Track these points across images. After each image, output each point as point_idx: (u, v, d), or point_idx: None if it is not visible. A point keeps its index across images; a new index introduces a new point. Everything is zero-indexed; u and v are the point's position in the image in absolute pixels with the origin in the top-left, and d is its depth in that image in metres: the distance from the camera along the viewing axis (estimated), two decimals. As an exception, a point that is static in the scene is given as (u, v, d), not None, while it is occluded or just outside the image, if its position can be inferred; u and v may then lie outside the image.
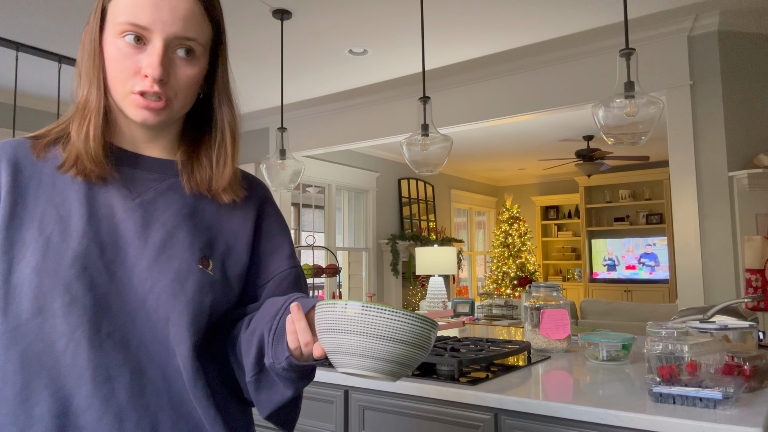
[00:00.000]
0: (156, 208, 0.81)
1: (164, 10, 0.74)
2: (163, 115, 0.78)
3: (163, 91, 0.76)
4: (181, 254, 0.79)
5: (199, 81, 0.81)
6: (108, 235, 0.77)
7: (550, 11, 3.47)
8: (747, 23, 3.56)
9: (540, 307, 1.97)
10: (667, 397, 1.27)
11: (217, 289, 0.81)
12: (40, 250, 0.74)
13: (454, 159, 7.99)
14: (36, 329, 0.72)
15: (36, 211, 0.76)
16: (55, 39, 3.77)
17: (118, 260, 0.76)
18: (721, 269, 3.42)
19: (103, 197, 0.79)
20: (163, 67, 0.75)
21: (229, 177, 0.85)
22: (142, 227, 0.79)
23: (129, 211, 0.79)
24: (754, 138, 3.51)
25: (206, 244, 0.82)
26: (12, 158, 0.79)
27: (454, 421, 1.48)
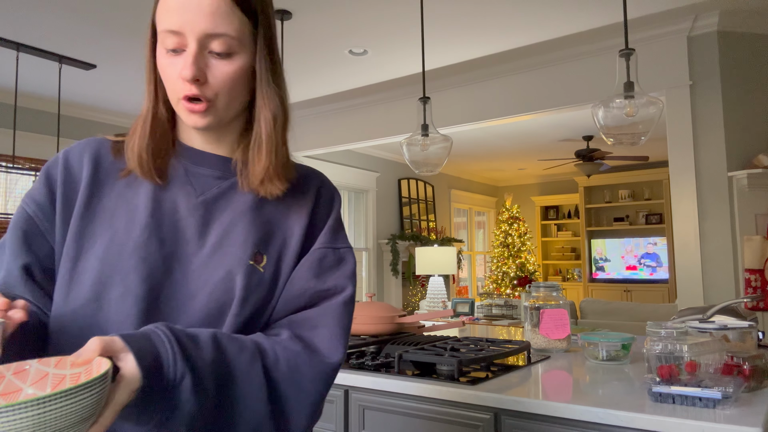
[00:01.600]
0: (217, 207, 0.82)
1: (191, 10, 0.74)
2: (208, 116, 0.78)
3: (201, 92, 0.76)
4: (233, 251, 0.80)
5: (244, 77, 0.80)
6: (169, 230, 0.79)
7: (550, 11, 3.47)
8: (747, 23, 3.56)
9: (540, 307, 1.97)
10: (666, 397, 1.28)
11: (264, 288, 0.81)
12: (106, 241, 0.77)
13: (454, 159, 7.99)
14: (91, 315, 0.75)
15: (109, 205, 0.80)
16: (55, 39, 3.77)
17: (175, 255, 0.78)
18: (721, 269, 3.43)
19: (169, 194, 0.82)
20: (196, 66, 0.75)
21: (264, 170, 0.81)
22: (202, 225, 0.81)
23: (191, 209, 0.81)
24: (753, 138, 3.52)
25: (261, 239, 0.82)
26: (94, 154, 0.84)
27: (454, 421, 1.49)
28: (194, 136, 0.85)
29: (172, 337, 0.67)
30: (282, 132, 0.83)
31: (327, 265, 0.85)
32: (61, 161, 0.83)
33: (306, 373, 0.77)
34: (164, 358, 0.65)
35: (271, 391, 0.74)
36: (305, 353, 0.78)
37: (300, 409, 0.77)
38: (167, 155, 0.83)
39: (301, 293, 0.82)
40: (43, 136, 5.05)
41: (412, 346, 1.80)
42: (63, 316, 0.75)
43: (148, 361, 0.63)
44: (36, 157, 5.00)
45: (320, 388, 0.78)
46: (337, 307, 0.83)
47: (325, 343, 0.80)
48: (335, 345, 0.81)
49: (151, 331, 0.67)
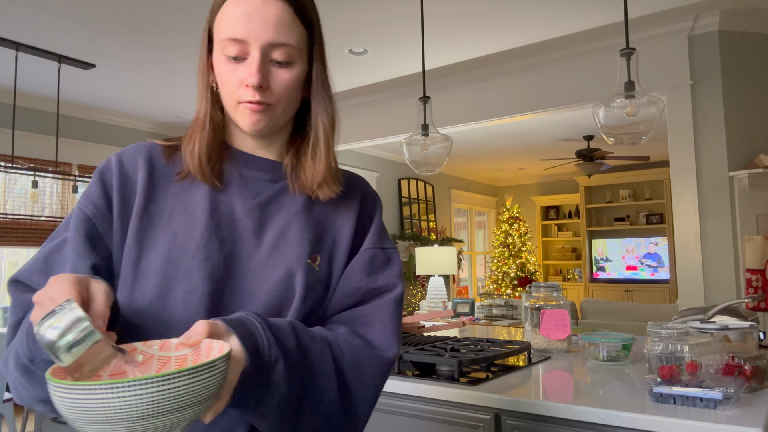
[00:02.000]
0: (271, 209, 0.86)
1: (256, 21, 0.77)
2: (266, 121, 0.82)
3: (263, 98, 0.80)
4: (291, 250, 0.84)
5: (299, 84, 0.84)
6: (227, 231, 0.83)
7: (550, 11, 3.47)
8: (747, 23, 3.56)
9: (540, 307, 1.96)
10: (667, 398, 1.27)
11: (320, 286, 0.85)
12: (167, 242, 0.80)
13: (454, 159, 7.99)
14: (156, 313, 0.77)
15: (166, 207, 0.83)
16: (55, 39, 3.76)
17: (234, 255, 0.82)
18: (722, 269, 3.42)
19: (225, 196, 0.85)
20: (261, 74, 0.78)
21: (323, 173, 0.86)
22: (259, 227, 0.84)
23: (247, 212, 0.85)
24: (754, 138, 3.51)
25: (315, 239, 0.86)
26: (148, 157, 0.86)
27: (454, 421, 1.48)
28: (246, 140, 0.89)
29: (264, 323, 0.71)
30: (333, 137, 0.88)
31: (377, 265, 0.89)
32: (115, 165, 0.85)
33: (367, 365, 0.81)
34: (260, 342, 0.69)
35: (340, 380, 0.78)
36: (365, 347, 0.82)
37: (364, 399, 0.81)
38: (222, 159, 0.87)
39: (354, 291, 0.87)
40: (42, 136, 5.05)
41: (412, 347, 1.80)
42: (128, 314, 0.77)
43: (249, 343, 0.67)
44: (35, 157, 5.00)
45: (379, 382, 0.83)
46: (390, 305, 0.87)
47: (380, 338, 0.84)
48: (390, 341, 0.85)
49: (244, 317, 0.71)
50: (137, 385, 0.51)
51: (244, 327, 0.69)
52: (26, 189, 4.94)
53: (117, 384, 0.50)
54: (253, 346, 0.67)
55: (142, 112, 5.63)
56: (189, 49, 3.97)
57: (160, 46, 3.90)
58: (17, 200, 4.93)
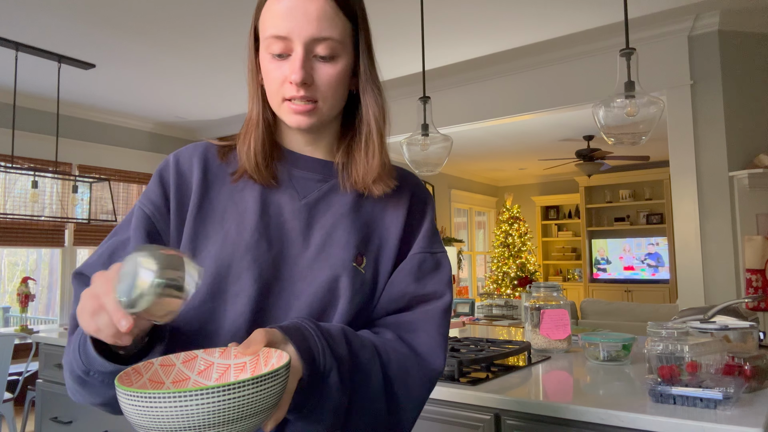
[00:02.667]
0: (318, 210, 0.85)
1: (298, 16, 0.77)
2: (314, 117, 0.81)
3: (309, 94, 0.79)
4: (337, 253, 0.82)
5: (345, 78, 0.82)
6: (275, 232, 0.83)
7: (550, 11, 3.47)
8: (747, 23, 3.56)
9: (540, 307, 1.96)
10: (667, 398, 1.27)
11: (366, 289, 0.84)
12: (219, 242, 0.81)
13: (454, 159, 7.99)
14: (209, 312, 0.78)
15: (219, 206, 0.84)
16: (54, 39, 3.76)
17: (281, 256, 0.81)
18: (722, 269, 3.42)
19: (275, 197, 0.85)
20: (304, 70, 0.77)
21: (378, 169, 0.85)
22: (306, 228, 0.83)
23: (295, 212, 0.84)
24: (754, 138, 3.51)
25: (361, 241, 0.85)
26: (203, 156, 0.87)
27: (454, 421, 1.48)
28: (294, 139, 0.88)
29: (318, 330, 0.71)
30: (384, 132, 0.86)
31: (426, 270, 0.87)
32: (173, 164, 0.86)
33: (414, 375, 0.80)
34: (315, 351, 0.69)
35: (387, 388, 0.78)
36: (412, 356, 0.81)
37: (409, 409, 0.81)
38: (274, 159, 0.87)
39: (401, 296, 0.85)
40: (42, 136, 5.05)
41: (412, 347, 1.79)
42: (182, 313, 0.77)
43: (305, 352, 0.67)
44: (35, 157, 5.00)
45: (425, 392, 0.82)
46: (437, 314, 0.86)
47: (426, 348, 0.83)
48: (437, 352, 0.83)
49: (300, 325, 0.71)
50: (202, 394, 0.52)
51: (300, 335, 0.69)
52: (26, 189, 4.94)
53: (182, 393, 0.51)
54: (308, 355, 0.68)
55: (142, 112, 5.63)
56: (189, 50, 3.97)
57: (160, 46, 3.90)
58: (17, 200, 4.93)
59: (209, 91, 4.92)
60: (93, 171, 5.49)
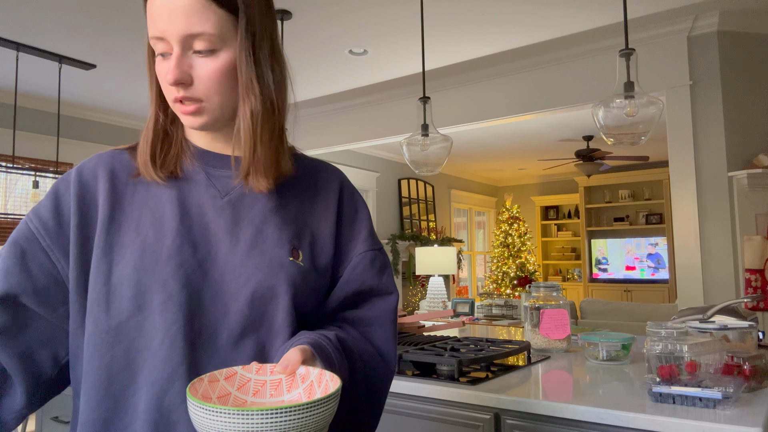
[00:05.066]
0: (243, 206, 0.83)
1: (167, 15, 0.74)
2: (203, 117, 0.79)
3: (190, 94, 0.77)
4: (272, 248, 0.81)
5: (229, 72, 0.78)
6: (199, 233, 0.80)
7: (550, 11, 3.47)
8: (747, 23, 3.56)
9: (540, 307, 1.97)
10: (666, 397, 1.28)
11: (310, 280, 0.83)
12: (137, 251, 0.77)
13: (454, 159, 7.99)
14: (137, 326, 0.75)
15: (132, 215, 0.81)
16: (55, 39, 3.77)
17: (210, 257, 0.79)
18: (721, 269, 3.43)
19: (194, 198, 0.82)
20: (179, 69, 0.75)
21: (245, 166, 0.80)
22: (233, 225, 0.81)
23: (219, 210, 0.82)
24: (753, 138, 3.52)
25: (294, 235, 0.84)
26: (109, 167, 0.84)
27: (454, 421, 1.48)
28: (203, 137, 0.86)
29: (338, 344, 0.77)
30: (262, 126, 0.80)
31: (378, 266, 0.89)
32: (74, 178, 0.83)
33: (378, 374, 0.84)
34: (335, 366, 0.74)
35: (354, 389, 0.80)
36: (376, 355, 0.84)
37: (375, 408, 0.84)
38: (178, 157, 0.84)
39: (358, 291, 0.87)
40: (42, 136, 5.05)
41: (412, 346, 1.80)
42: (109, 330, 0.75)
43: (329, 367, 0.72)
44: (36, 157, 5.00)
45: (386, 390, 0.85)
46: (390, 310, 0.89)
47: (384, 346, 0.86)
48: (393, 351, 0.87)
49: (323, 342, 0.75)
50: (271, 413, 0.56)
51: (324, 353, 0.73)
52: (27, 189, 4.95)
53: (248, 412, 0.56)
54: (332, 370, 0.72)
55: (143, 113, 5.63)
56: (189, 50, 3.97)
57: (160, 46, 3.90)
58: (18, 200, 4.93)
59: (209, 92, 4.93)
60: (93, 171, 5.49)
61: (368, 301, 0.88)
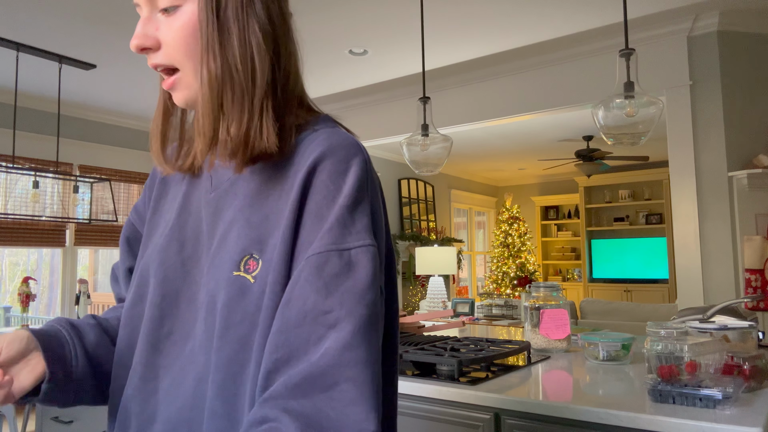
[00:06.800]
0: (225, 203, 0.72)
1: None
2: (183, 89, 0.69)
3: (160, 60, 0.68)
4: (223, 258, 0.67)
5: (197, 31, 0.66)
6: (192, 230, 0.74)
7: (550, 11, 3.47)
8: (747, 23, 3.56)
9: (540, 307, 1.97)
10: (666, 397, 1.28)
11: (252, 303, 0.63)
12: (151, 245, 0.78)
13: (454, 159, 7.99)
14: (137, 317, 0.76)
15: (166, 207, 0.81)
16: (56, 39, 3.77)
17: (194, 257, 0.72)
18: (721, 269, 3.43)
19: (196, 191, 0.77)
20: (142, 32, 0.67)
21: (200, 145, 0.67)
22: (212, 224, 0.72)
23: (206, 206, 0.74)
24: (753, 138, 3.52)
25: (254, 241, 0.66)
26: None
27: (454, 421, 1.49)
28: None
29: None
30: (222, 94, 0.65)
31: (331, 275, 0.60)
32: (153, 171, 0.85)
33: None
34: None
35: None
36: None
37: None
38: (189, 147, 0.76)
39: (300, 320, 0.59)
40: (43, 136, 5.05)
41: (412, 346, 1.80)
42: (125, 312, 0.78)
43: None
44: (36, 157, 5.00)
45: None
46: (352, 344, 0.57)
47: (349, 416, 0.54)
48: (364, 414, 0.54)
49: None
50: None
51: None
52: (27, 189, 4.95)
53: None
54: None
55: (143, 112, 5.63)
56: (189, 50, 3.97)
57: (160, 46, 3.90)
58: (18, 200, 4.93)
59: (209, 92, 4.93)
60: (94, 171, 5.49)
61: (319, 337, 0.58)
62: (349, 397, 0.55)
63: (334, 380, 0.55)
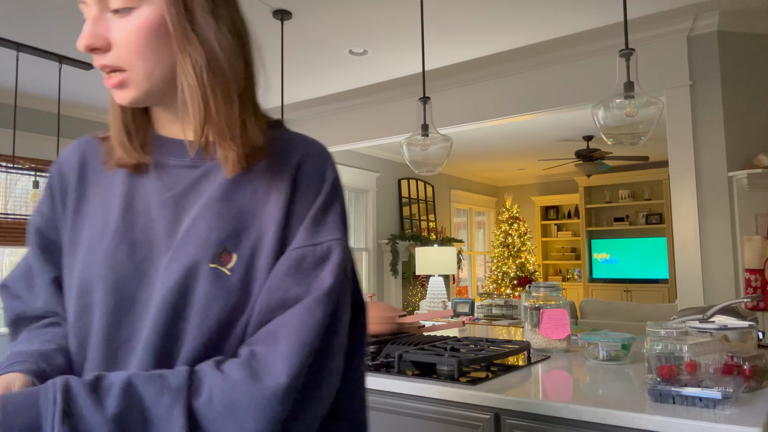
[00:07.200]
0: (187, 202, 0.71)
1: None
2: (131, 90, 0.68)
3: (108, 61, 0.67)
4: (193, 250, 0.68)
5: (152, 33, 0.66)
6: (142, 232, 0.71)
7: (549, 11, 3.47)
8: (747, 23, 3.56)
9: (540, 307, 1.97)
10: (666, 397, 1.28)
11: (232, 295, 0.67)
12: (85, 249, 0.72)
13: (454, 159, 7.99)
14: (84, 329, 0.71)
15: (93, 209, 0.75)
16: (55, 39, 3.77)
17: (149, 259, 0.70)
18: (721, 269, 3.43)
19: (142, 191, 0.73)
20: (91, 32, 0.65)
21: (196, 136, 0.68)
22: (172, 224, 0.71)
23: (161, 207, 0.71)
24: (753, 138, 3.52)
25: (229, 235, 0.69)
26: (81, 153, 0.79)
27: (454, 421, 1.49)
28: (158, 118, 0.76)
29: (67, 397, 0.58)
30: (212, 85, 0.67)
31: (307, 267, 0.68)
32: (55, 168, 0.79)
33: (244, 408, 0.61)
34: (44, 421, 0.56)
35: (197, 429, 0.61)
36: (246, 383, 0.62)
37: None
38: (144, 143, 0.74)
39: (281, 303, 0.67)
40: (43, 136, 5.05)
41: (412, 346, 1.80)
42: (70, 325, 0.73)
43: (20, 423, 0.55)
44: (36, 157, 5.00)
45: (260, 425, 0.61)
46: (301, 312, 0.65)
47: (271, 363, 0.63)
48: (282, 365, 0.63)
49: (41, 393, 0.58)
50: None
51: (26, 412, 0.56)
52: (27, 189, 4.95)
53: None
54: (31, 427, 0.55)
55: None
56: (189, 50, 3.97)
57: (160, 46, 3.91)
58: (18, 200, 4.93)
59: (209, 92, 4.93)
60: (93, 171, 5.49)
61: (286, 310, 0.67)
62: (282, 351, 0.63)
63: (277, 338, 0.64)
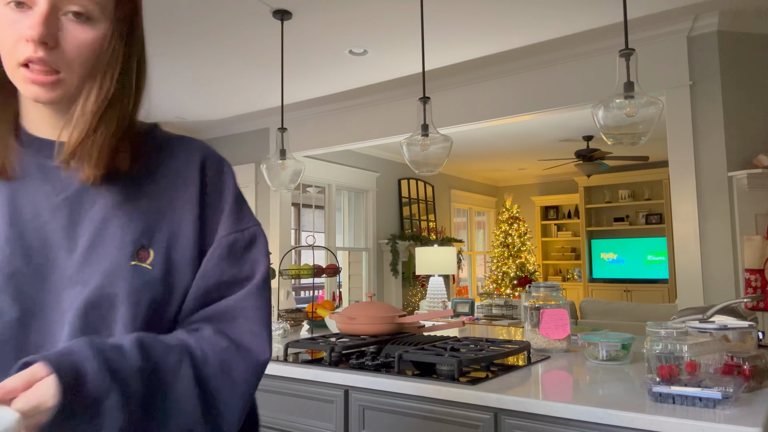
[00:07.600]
0: (83, 204, 0.73)
1: None
2: (56, 91, 0.68)
3: (51, 59, 0.66)
4: (111, 252, 0.71)
5: (101, 49, 0.69)
6: (35, 238, 0.71)
7: (549, 11, 3.47)
8: (747, 23, 3.56)
9: (540, 307, 1.97)
10: (666, 397, 1.28)
11: (156, 287, 0.73)
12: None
13: (454, 159, 7.99)
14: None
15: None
16: (55, 39, 3.77)
17: (49, 264, 0.70)
18: (721, 269, 3.43)
19: (27, 197, 0.72)
20: (46, 27, 0.64)
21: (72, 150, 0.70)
22: (70, 226, 0.71)
23: (54, 210, 0.72)
24: (753, 138, 3.52)
25: (143, 233, 0.74)
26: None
27: (454, 420, 1.49)
28: (40, 121, 0.74)
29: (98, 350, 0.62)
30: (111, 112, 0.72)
31: (238, 251, 0.79)
32: None
33: (236, 367, 0.72)
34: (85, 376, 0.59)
35: (202, 388, 0.70)
36: (232, 348, 0.73)
37: (232, 405, 0.72)
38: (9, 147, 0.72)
39: (217, 286, 0.77)
40: (42, 136, 5.05)
41: (412, 346, 1.80)
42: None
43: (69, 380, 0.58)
44: (36, 157, 5.00)
45: (250, 385, 0.74)
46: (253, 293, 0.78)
47: (247, 336, 0.75)
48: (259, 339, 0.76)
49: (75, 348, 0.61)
50: None
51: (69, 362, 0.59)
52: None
53: None
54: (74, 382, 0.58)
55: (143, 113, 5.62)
56: (190, 49, 3.97)
57: (159, 46, 3.90)
58: (17, 200, 4.93)
59: (210, 91, 4.93)
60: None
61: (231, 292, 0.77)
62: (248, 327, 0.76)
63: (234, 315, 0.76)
